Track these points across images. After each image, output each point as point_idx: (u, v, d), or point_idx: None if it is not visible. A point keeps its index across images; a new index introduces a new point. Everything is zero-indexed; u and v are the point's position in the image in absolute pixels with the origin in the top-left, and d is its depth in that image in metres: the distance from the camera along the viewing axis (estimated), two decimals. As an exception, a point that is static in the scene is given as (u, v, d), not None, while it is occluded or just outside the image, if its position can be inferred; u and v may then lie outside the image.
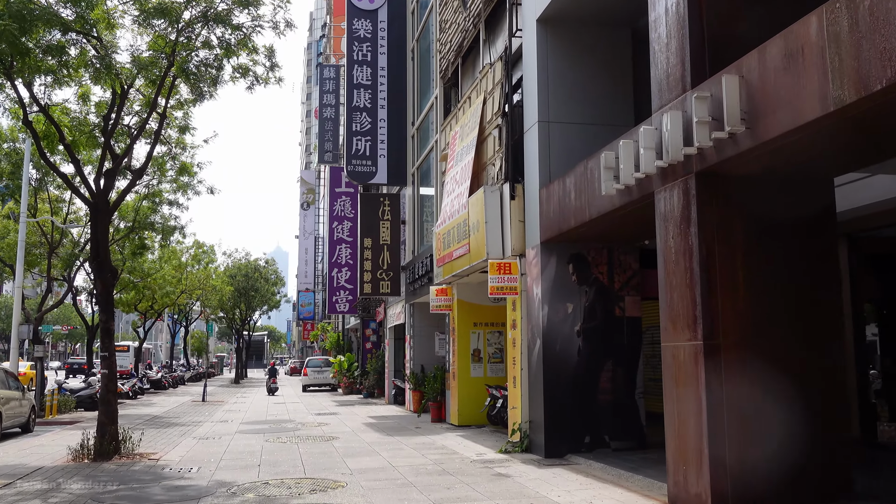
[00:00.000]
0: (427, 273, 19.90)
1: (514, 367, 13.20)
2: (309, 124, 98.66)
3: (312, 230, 65.81)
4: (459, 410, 17.24)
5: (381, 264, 23.88)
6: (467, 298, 17.57)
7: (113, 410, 12.58)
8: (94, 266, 12.55)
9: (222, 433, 16.94)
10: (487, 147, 14.80)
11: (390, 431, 16.63)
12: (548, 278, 12.15)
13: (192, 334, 69.68)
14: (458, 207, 15.31)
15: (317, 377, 38.11)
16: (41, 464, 11.97)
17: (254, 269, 52.62)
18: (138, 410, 24.40)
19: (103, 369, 12.66)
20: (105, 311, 12.72)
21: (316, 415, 21.88)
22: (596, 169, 10.06)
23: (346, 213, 33.06)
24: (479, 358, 17.53)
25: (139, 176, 13.71)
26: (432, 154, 21.42)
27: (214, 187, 24.48)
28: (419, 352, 22.63)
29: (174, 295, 37.92)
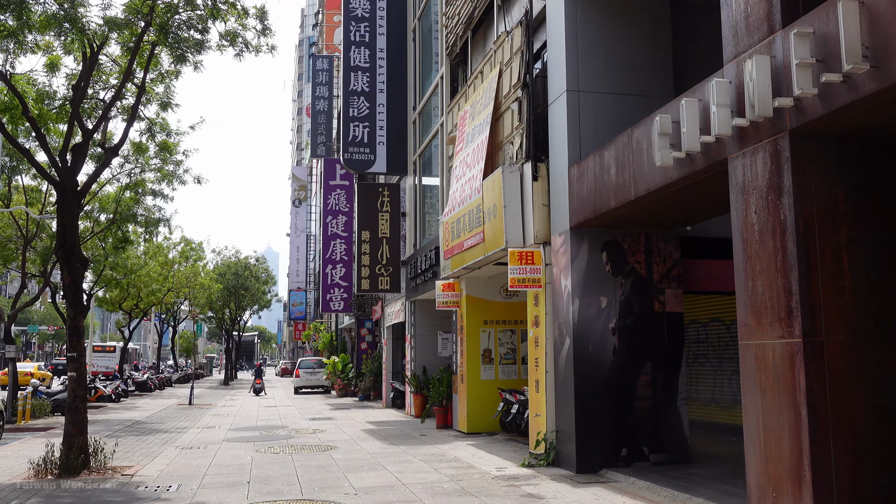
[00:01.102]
0: (431, 267, 18.41)
1: (536, 369, 11.72)
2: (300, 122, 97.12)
3: (304, 227, 64.27)
4: (469, 416, 15.75)
5: (380, 259, 22.38)
6: (477, 294, 16.09)
7: (82, 419, 11.03)
8: (60, 255, 11.00)
9: (208, 441, 15.40)
10: (504, 124, 13.32)
11: (393, 440, 15.13)
12: (578, 269, 10.68)
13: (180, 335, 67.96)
14: (471, 192, 13.83)
15: (309, 379, 36.54)
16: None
17: (244, 268, 50.94)
18: (119, 415, 22.81)
19: (71, 372, 11.10)
20: (73, 305, 11.17)
21: (310, 420, 20.36)
22: (644, 138, 8.60)
23: (341, 206, 31.53)
24: (490, 359, 16.05)
25: (114, 153, 12.16)
26: (436, 140, 19.94)
27: (202, 177, 22.89)
28: (421, 352, 21.16)
29: (160, 293, 36.28)
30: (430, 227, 20.95)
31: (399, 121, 22.36)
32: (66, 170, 10.94)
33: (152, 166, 22.48)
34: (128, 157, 22.24)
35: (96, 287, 29.75)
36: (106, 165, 12.18)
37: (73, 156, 11.08)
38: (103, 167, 12.18)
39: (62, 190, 11.03)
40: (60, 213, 11.08)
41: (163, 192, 23.15)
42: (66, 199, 11.02)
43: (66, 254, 11.01)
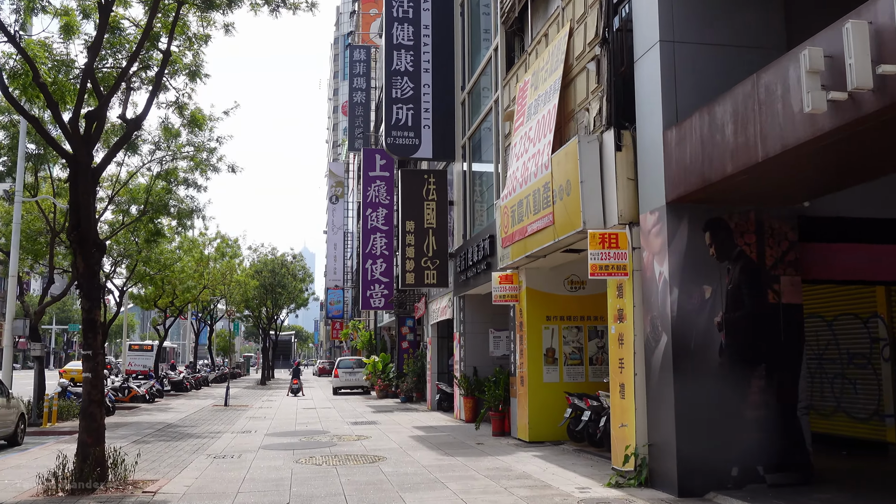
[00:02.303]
0: (484, 258, 16.78)
1: (620, 371, 10.03)
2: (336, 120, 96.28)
3: (341, 225, 63.10)
4: (531, 423, 14.09)
5: (426, 251, 20.80)
6: (538, 287, 14.42)
7: (98, 426, 9.60)
8: (73, 237, 9.59)
9: (243, 449, 13.95)
10: (576, 89, 11.64)
11: (447, 449, 13.53)
12: (676, 252, 8.97)
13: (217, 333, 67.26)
14: (536, 169, 12.16)
15: (349, 379, 35.11)
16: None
17: (280, 265, 49.74)
18: (151, 417, 21.54)
19: (86, 372, 9.69)
20: (88, 296, 9.75)
21: (352, 424, 18.85)
22: (778, 83, 6.87)
23: (381, 198, 30.03)
24: (554, 359, 14.37)
25: (136, 126, 10.73)
26: (487, 121, 18.30)
27: (236, 165, 21.75)
28: (471, 352, 19.54)
29: (196, 290, 35.17)
30: (480, 217, 19.33)
31: (446, 102, 20.77)
32: (79, 139, 9.50)
33: (184, 154, 21.28)
34: (158, 143, 21.06)
35: (129, 283, 28.64)
36: (127, 139, 10.76)
37: (87, 124, 9.65)
38: (124, 141, 10.75)
39: (74, 162, 9.62)
40: (73, 190, 9.67)
41: (196, 182, 21.97)
42: (78, 173, 9.60)
43: (79, 237, 9.60)
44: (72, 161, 9.66)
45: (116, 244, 25.35)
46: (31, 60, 9.99)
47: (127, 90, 11.55)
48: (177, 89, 12.05)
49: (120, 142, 10.69)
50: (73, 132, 9.44)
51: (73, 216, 9.63)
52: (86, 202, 9.64)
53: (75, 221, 9.61)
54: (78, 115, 9.49)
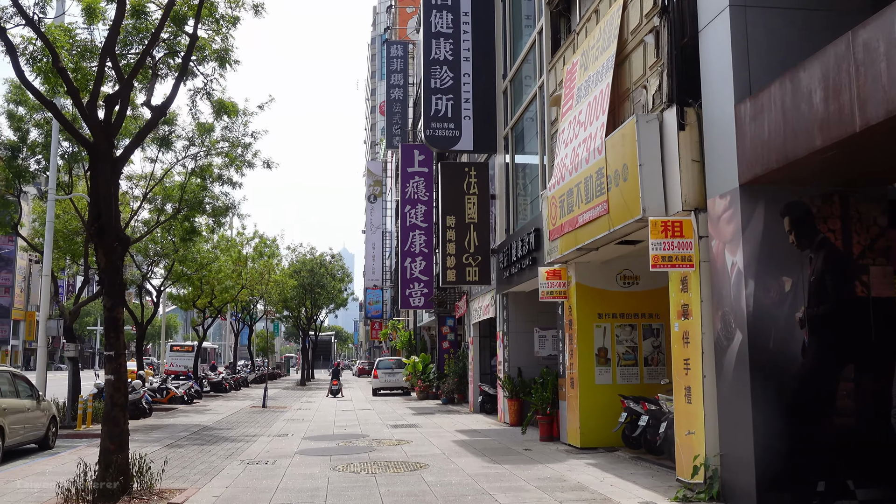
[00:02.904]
0: (529, 253, 15.91)
1: (686, 373, 9.10)
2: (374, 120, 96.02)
3: (380, 224, 62.58)
4: (582, 428, 13.19)
5: (468, 247, 19.98)
6: (589, 282, 13.51)
7: (121, 432, 8.97)
8: (93, 230, 8.97)
9: (279, 454, 13.29)
10: (632, 66, 10.74)
11: (493, 455, 12.70)
12: (752, 240, 8.03)
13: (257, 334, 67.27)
14: (588, 154, 11.27)
15: (388, 380, 34.44)
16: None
17: (319, 265, 49.31)
18: (188, 419, 21.07)
19: (108, 374, 9.07)
20: (111, 293, 9.13)
21: (392, 427, 18.11)
22: (881, 39, 5.92)
23: (420, 195, 29.27)
24: (606, 359, 13.45)
25: (161, 113, 10.08)
26: (530, 110, 17.44)
27: (271, 161, 21.19)
28: (515, 352, 18.67)
29: (234, 290, 34.81)
30: (524, 211, 18.46)
31: (487, 91, 19.94)
32: (97, 125, 8.87)
33: (219, 149, 20.79)
34: (192, 138, 20.59)
35: (167, 283, 28.33)
36: (152, 126, 10.14)
37: (107, 109, 9.02)
38: (149, 128, 10.14)
39: (93, 150, 9.00)
40: (93, 180, 9.07)
41: (231, 179, 21.46)
42: (98, 161, 8.97)
43: (99, 229, 8.97)
44: (91, 149, 9.05)
45: (153, 243, 25.01)
46: (51, 44, 9.41)
47: (153, 76, 10.96)
48: (205, 75, 11.42)
49: (144, 129, 10.06)
50: (91, 117, 8.82)
51: (92, 208, 9.02)
52: (106, 193, 9.01)
53: (95, 213, 8.99)
54: (96, 99, 8.86)
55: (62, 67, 9.36)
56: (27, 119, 19.38)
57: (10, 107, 19.08)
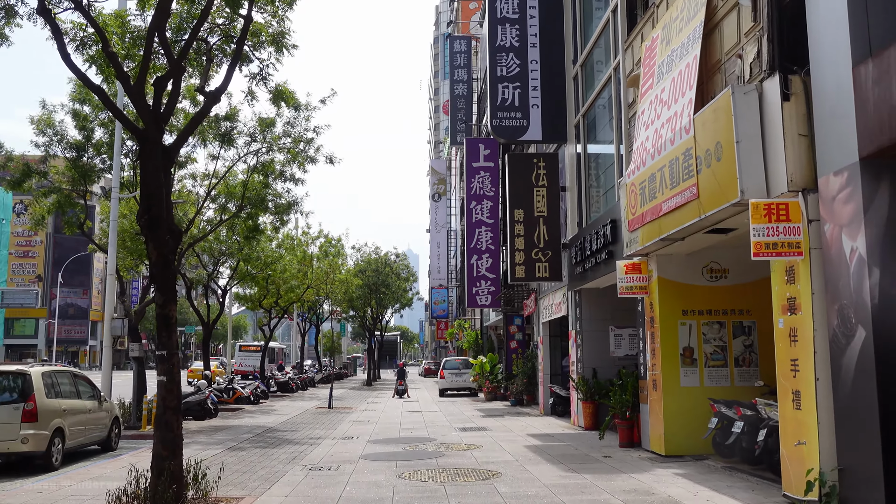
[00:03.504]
0: (605, 246, 14.91)
1: (793, 375, 8.05)
2: (437, 120, 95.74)
3: (444, 223, 62.02)
4: (666, 434, 12.16)
5: (537, 242, 19.06)
6: (672, 276, 12.47)
7: (174, 437, 8.42)
8: (143, 223, 8.45)
9: (343, 458, 12.65)
10: (723, 34, 9.71)
11: (570, 463, 11.78)
12: (876, 222, 6.96)
13: (323, 334, 67.52)
14: (673, 135, 10.28)
15: (455, 380, 33.70)
16: (67, 519, 7.97)
17: (384, 264, 48.94)
18: (253, 420, 20.73)
19: (160, 375, 8.52)
20: (163, 289, 8.60)
21: (460, 430, 17.34)
22: None
23: (486, 190, 28.45)
24: (692, 360, 12.38)
25: (215, 100, 9.53)
26: (603, 96, 16.44)
27: (334, 156, 20.69)
28: (589, 352, 17.66)
29: (299, 290, 34.59)
30: (597, 204, 17.46)
31: (556, 78, 18.99)
32: (146, 110, 8.33)
33: (281, 145, 20.38)
34: (254, 134, 20.24)
35: (232, 282, 28.19)
36: (205, 114, 9.59)
37: (156, 92, 8.48)
38: (202, 116, 9.59)
39: (142, 138, 8.47)
40: (143, 169, 8.53)
41: (293, 175, 21.02)
42: (147, 149, 8.44)
43: (150, 222, 8.44)
44: (140, 136, 8.53)
45: (217, 242, 24.83)
46: (99, 27, 8.94)
47: (207, 62, 10.43)
48: (261, 60, 10.82)
49: (198, 116, 9.52)
50: (138, 100, 8.28)
51: (143, 199, 8.50)
52: (156, 183, 8.47)
53: (146, 205, 8.46)
54: (143, 81, 8.33)
55: (112, 52, 8.88)
56: (92, 118, 19.30)
57: (76, 106, 19.03)
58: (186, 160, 21.25)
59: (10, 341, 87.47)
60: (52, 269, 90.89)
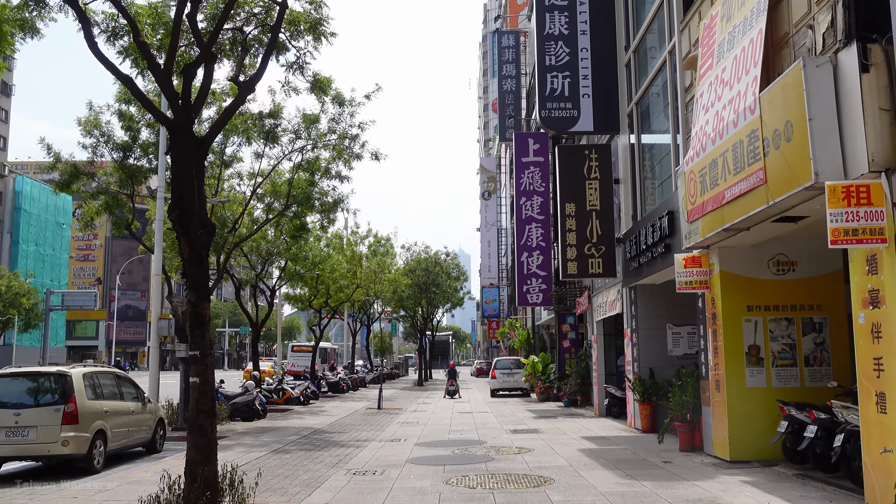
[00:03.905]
0: (662, 239, 14.15)
1: (877, 376, 7.28)
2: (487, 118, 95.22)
3: (495, 221, 61.37)
4: (731, 438, 11.38)
5: (589, 237, 18.34)
6: (735, 269, 11.69)
7: (208, 441, 8.03)
8: (174, 217, 8.10)
9: (388, 462, 12.18)
10: (791, 3, 8.95)
11: (628, 469, 11.10)
12: (975, 201, 6.17)
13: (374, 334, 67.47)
14: (735, 117, 9.53)
15: (506, 381, 33.05)
16: (98, 526, 7.64)
17: (434, 263, 48.48)
18: (301, 421, 20.45)
19: (193, 377, 8.15)
20: (195, 286, 8.22)
21: (512, 432, 16.74)
22: None
23: (536, 186, 27.71)
24: (758, 359, 11.57)
25: (250, 89, 9.15)
26: (658, 81, 15.68)
27: (379, 152, 20.34)
28: (645, 351, 16.90)
29: (349, 290, 34.35)
30: (652, 196, 16.68)
31: (607, 66, 18.26)
32: (173, 96, 7.96)
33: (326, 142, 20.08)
34: (298, 131, 19.98)
35: (280, 282, 28.05)
36: (240, 103, 9.21)
37: (185, 79, 8.11)
38: (236, 105, 9.21)
39: (173, 128, 8.11)
40: (174, 161, 8.17)
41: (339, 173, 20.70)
42: (177, 139, 8.08)
43: (181, 216, 8.08)
44: (170, 126, 8.17)
45: (264, 241, 24.68)
46: (131, 17, 8.62)
47: (242, 51, 10.06)
48: (298, 48, 10.41)
49: (232, 106, 9.14)
50: (166, 87, 7.92)
51: (174, 192, 8.13)
52: (187, 175, 8.10)
53: (177, 199, 8.10)
54: (171, 66, 7.95)
55: (143, 42, 8.54)
56: (138, 119, 19.26)
57: (122, 107, 19.00)
58: (232, 159, 21.11)
59: (72, 343, 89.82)
60: (110, 271, 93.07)
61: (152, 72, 8.47)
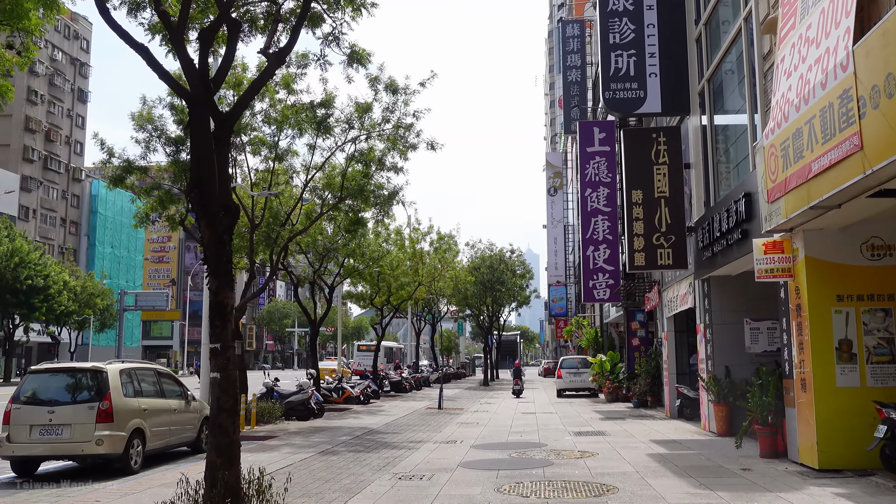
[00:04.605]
0: (737, 225, 12.89)
1: None
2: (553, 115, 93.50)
3: (561, 217, 59.91)
4: (820, 443, 10.12)
5: (658, 226, 17.10)
6: (823, 255, 10.42)
7: (230, 442, 7.32)
8: (193, 198, 7.42)
9: (439, 466, 11.33)
10: (892, -59, 7.71)
11: (702, 477, 9.97)
12: None
13: (440, 333, 66.83)
14: (824, 76, 8.33)
15: (573, 380, 31.82)
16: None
17: (499, 260, 47.40)
18: (357, 421, 19.80)
19: (213, 372, 7.46)
20: (216, 273, 7.53)
21: (575, 435, 15.69)
22: None
23: (602, 176, 26.48)
24: (851, 355, 10.27)
25: (279, 61, 8.43)
26: (733, 52, 14.41)
27: (435, 141, 19.56)
28: (720, 348, 15.62)
29: (410, 287, 33.66)
30: (727, 180, 15.40)
31: (675, 43, 17.01)
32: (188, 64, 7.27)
33: (379, 131, 19.40)
34: (351, 120, 19.35)
35: (339, 279, 27.50)
36: (268, 75, 8.48)
37: (202, 46, 7.42)
38: (265, 77, 8.49)
39: (191, 99, 7.43)
40: (193, 137, 7.49)
41: (396, 165, 20.01)
42: (195, 113, 7.39)
43: (201, 197, 7.40)
44: (188, 98, 7.49)
45: (321, 236, 24.17)
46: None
47: (274, 23, 9.35)
48: (335, 18, 9.65)
49: (260, 79, 8.43)
50: (181, 53, 7.23)
51: (193, 172, 7.46)
52: (206, 152, 7.41)
53: (196, 178, 7.42)
54: (183, 26, 7.25)
55: (163, 11, 7.90)
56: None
57: (175, 100, 18.69)
58: (286, 152, 20.60)
59: (148, 343, 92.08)
60: (184, 272, 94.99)
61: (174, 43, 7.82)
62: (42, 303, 50.35)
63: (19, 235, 50.95)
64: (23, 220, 68.15)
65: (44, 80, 74.12)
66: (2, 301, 48.79)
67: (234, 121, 8.17)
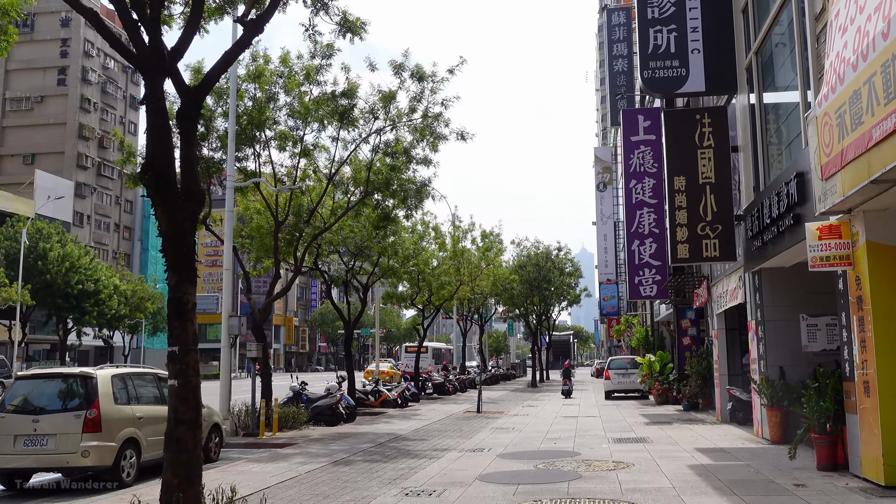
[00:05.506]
0: (789, 209, 11.52)
1: None
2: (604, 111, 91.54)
3: (611, 213, 58.15)
4: (886, 456, 8.75)
5: (703, 214, 15.73)
6: (888, 240, 9.05)
7: (188, 460, 6.43)
8: (147, 181, 6.53)
9: (455, 479, 10.29)
10: None
11: (747, 493, 8.71)
12: None
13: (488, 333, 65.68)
14: (885, 26, 7.04)
15: (622, 381, 30.41)
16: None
17: (545, 258, 45.97)
18: (387, 426, 18.87)
19: (171, 379, 6.57)
20: (175, 266, 6.62)
21: (614, 441, 14.47)
22: None
23: (647, 166, 25.06)
24: (922, 354, 8.88)
25: (256, 30, 7.49)
26: (783, 17, 13.02)
27: (465, 131, 18.58)
28: (774, 346, 14.20)
29: (452, 287, 32.59)
30: (778, 163, 13.99)
31: (719, 15, 15.64)
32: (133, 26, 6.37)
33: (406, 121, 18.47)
34: (375, 110, 18.45)
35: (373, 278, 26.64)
36: (244, 45, 7.55)
37: (152, 5, 6.52)
38: (240, 48, 7.57)
39: (143, 68, 6.54)
40: (148, 110, 6.60)
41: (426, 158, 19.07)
42: (149, 85, 6.51)
43: (154, 180, 6.50)
44: (141, 68, 6.61)
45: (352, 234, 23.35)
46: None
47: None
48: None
49: (234, 49, 7.51)
50: (125, 18, 6.34)
51: (147, 149, 6.58)
52: (161, 130, 6.52)
53: (149, 159, 6.55)
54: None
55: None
56: (213, 107, 18.34)
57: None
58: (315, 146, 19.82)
59: (204, 346, 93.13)
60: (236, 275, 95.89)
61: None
62: (93, 307, 50.91)
63: (70, 241, 51.61)
64: (77, 226, 69.41)
65: (96, 88, 75.54)
66: (54, 305, 49.47)
67: (203, 95, 7.26)
